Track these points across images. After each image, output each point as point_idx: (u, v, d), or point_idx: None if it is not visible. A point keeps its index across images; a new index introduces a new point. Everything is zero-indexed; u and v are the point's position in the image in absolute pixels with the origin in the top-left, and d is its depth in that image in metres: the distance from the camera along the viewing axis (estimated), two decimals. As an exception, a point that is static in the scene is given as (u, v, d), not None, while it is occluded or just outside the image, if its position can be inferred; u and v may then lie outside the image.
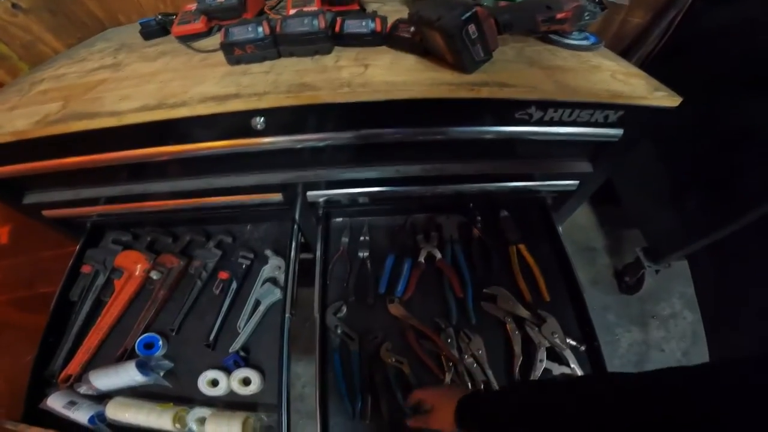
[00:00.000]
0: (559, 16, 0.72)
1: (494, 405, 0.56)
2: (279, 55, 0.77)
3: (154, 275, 0.97)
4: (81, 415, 0.80)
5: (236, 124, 0.70)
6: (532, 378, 0.79)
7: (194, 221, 1.06)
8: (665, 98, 0.68)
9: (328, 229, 1.02)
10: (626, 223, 1.57)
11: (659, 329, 1.42)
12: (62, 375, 0.87)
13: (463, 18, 0.60)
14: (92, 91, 0.77)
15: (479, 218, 1.01)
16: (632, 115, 0.71)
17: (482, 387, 0.79)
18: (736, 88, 1.01)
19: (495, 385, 0.79)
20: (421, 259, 0.96)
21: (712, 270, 1.13)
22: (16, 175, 0.82)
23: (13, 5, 0.96)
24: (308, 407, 1.35)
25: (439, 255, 0.96)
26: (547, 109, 0.69)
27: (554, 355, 0.82)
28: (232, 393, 0.83)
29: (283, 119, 0.70)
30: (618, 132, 0.74)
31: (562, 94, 0.66)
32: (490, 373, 0.80)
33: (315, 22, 0.72)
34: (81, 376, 0.86)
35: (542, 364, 0.80)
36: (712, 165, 1.06)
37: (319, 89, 0.66)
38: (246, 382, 0.83)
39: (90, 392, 0.84)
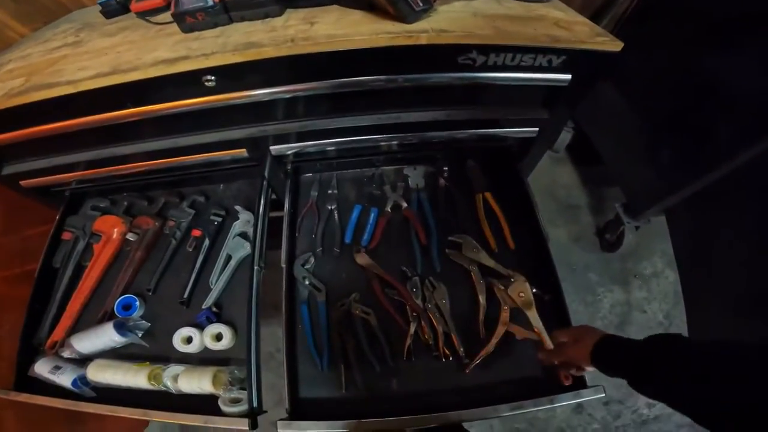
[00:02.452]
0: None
1: (634, 354, 0.61)
2: (231, 21, 0.84)
3: (130, 237, 1.07)
4: (65, 378, 0.88)
5: (188, 84, 0.77)
6: (493, 340, 0.84)
7: (169, 184, 1.16)
8: (607, 43, 0.74)
9: (297, 184, 1.11)
10: (608, 181, 1.63)
11: (641, 289, 1.49)
12: (49, 342, 0.96)
13: (396, -32, 0.66)
14: (53, 66, 0.86)
15: (446, 168, 1.08)
16: (576, 60, 0.77)
17: (442, 339, 0.85)
18: (704, 44, 1.06)
19: (456, 338, 0.85)
20: (388, 208, 1.04)
21: (690, 226, 1.19)
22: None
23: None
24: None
25: (405, 204, 1.04)
26: (489, 53, 0.75)
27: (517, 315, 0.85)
28: (205, 349, 0.92)
29: (233, 77, 0.77)
30: (565, 77, 0.80)
31: (499, 39, 0.72)
32: (452, 324, 0.87)
33: (262, -15, 0.79)
34: (65, 342, 0.95)
35: (504, 326, 0.85)
36: (684, 119, 1.11)
37: (264, 46, 0.73)
38: (218, 337, 0.91)
39: (73, 356, 0.92)
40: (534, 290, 0.89)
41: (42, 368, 0.90)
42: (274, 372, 1.43)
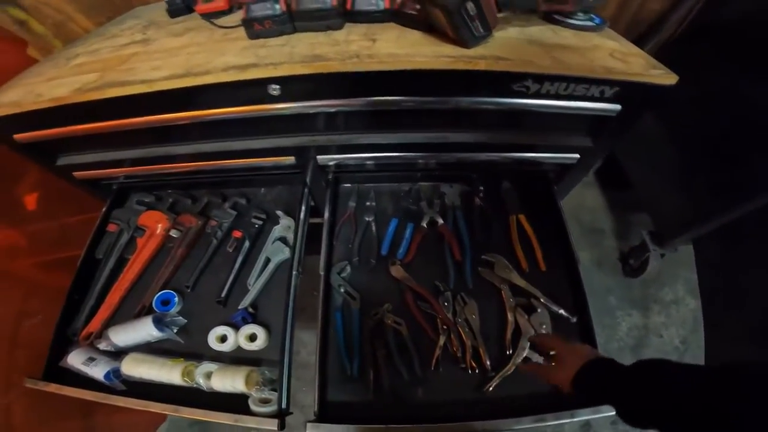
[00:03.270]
0: (561, -5, 0.78)
1: (620, 379, 0.56)
2: (295, 30, 0.86)
3: (173, 234, 1.08)
4: (98, 371, 0.87)
5: (254, 90, 0.80)
6: (510, 364, 0.84)
7: (213, 184, 1.18)
8: (662, 76, 0.74)
9: (336, 193, 1.12)
10: (635, 207, 1.62)
11: (660, 314, 1.48)
12: (84, 332, 0.95)
13: (465, -1, 0.68)
14: (125, 63, 0.88)
15: (481, 188, 1.09)
16: (628, 92, 0.77)
17: (470, 353, 0.86)
18: (752, 73, 1.05)
19: (483, 352, 0.86)
20: (424, 223, 1.05)
21: (717, 256, 1.18)
22: (53, 138, 0.93)
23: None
24: (312, 375, 1.47)
25: (441, 221, 1.05)
26: (543, 82, 0.76)
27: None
28: (239, 349, 0.92)
29: (296, 87, 0.79)
30: (615, 107, 0.81)
31: (556, 68, 0.74)
32: (480, 339, 0.88)
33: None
34: (101, 333, 0.95)
35: (524, 351, 0.85)
36: (724, 148, 1.11)
37: (330, 59, 0.75)
38: (252, 338, 0.91)
39: (109, 348, 0.92)
40: (561, 311, 0.90)
41: (75, 359, 0.90)
42: (302, 381, 1.42)
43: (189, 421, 1.65)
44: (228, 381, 0.84)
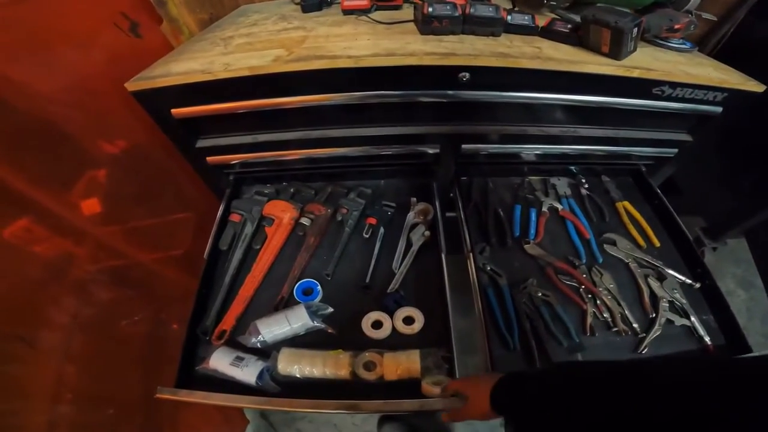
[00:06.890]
0: (676, 26, 1.16)
1: (535, 384, 0.63)
2: (462, 32, 1.11)
3: (304, 221, 1.20)
4: (249, 372, 0.86)
5: (443, 76, 1.02)
6: (657, 326, 1.04)
7: (328, 176, 1.34)
8: (754, 86, 1.12)
9: (460, 183, 1.35)
10: (685, 210, 2.03)
11: (716, 305, 1.87)
12: (216, 331, 0.98)
13: (634, 24, 1.01)
14: (304, 43, 1.05)
15: (584, 180, 1.39)
16: (730, 97, 1.13)
17: (619, 317, 1.06)
18: None
19: (629, 316, 1.06)
20: (545, 209, 1.31)
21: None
22: (202, 117, 1.04)
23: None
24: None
25: (560, 206, 1.31)
26: (676, 87, 1.09)
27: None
28: (393, 333, 0.99)
29: (480, 77, 1.03)
30: (718, 109, 1.16)
31: (689, 79, 1.07)
32: (624, 304, 1.09)
33: (498, 11, 1.09)
34: (236, 330, 0.98)
35: (665, 313, 1.07)
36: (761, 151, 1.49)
37: (518, 58, 1.01)
38: (408, 321, 0.99)
39: (256, 345, 0.94)
40: (685, 279, 1.16)
41: (220, 360, 0.89)
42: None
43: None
44: (402, 366, 0.88)
